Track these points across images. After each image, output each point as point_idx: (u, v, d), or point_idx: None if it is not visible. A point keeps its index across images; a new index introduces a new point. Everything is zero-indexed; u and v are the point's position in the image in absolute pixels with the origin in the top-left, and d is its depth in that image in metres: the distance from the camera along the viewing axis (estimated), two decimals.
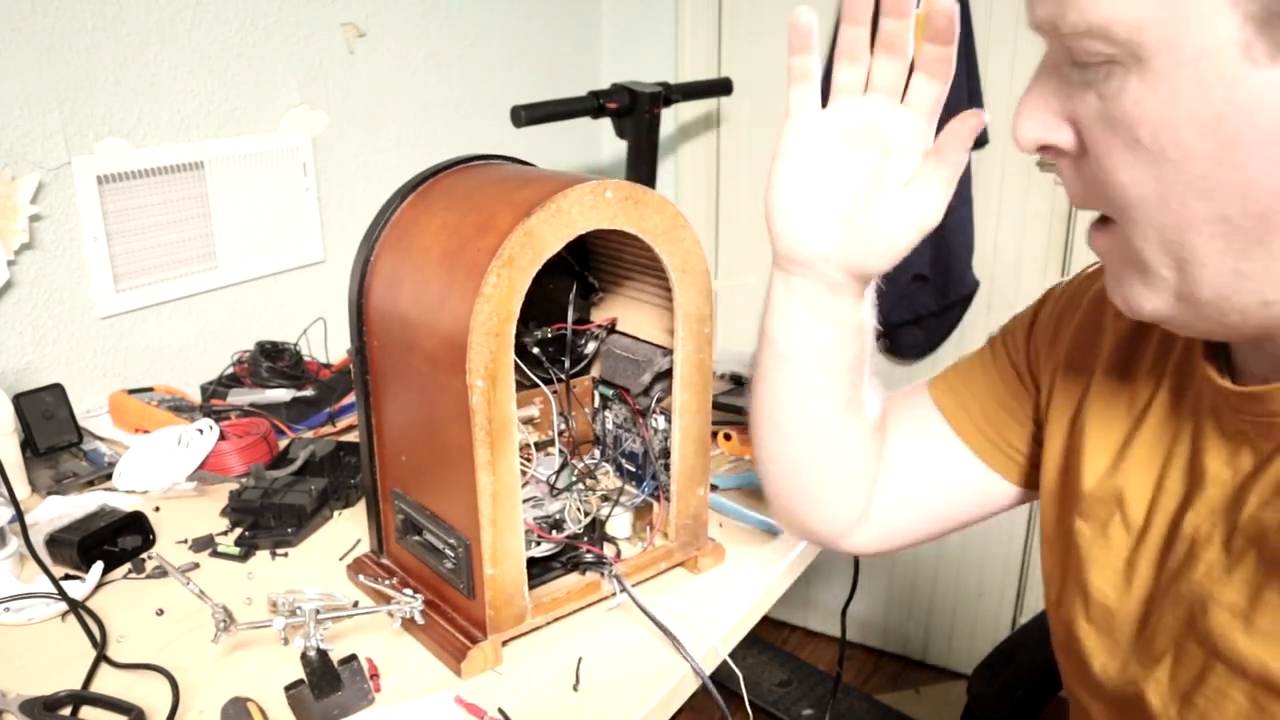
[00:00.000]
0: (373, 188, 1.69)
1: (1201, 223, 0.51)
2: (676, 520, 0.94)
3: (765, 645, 2.24)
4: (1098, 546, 0.70)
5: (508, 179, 0.85)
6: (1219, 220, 0.50)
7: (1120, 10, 0.48)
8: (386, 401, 0.88)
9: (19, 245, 1.24)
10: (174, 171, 1.39)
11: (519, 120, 1.62)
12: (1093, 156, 0.54)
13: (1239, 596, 0.56)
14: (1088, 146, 0.54)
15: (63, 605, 0.89)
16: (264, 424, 1.24)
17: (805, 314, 0.75)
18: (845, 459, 0.81)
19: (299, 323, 1.58)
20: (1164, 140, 0.50)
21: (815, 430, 0.79)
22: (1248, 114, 0.47)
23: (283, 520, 1.04)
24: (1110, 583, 0.69)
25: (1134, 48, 0.49)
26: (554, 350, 0.98)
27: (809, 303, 0.75)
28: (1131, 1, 0.48)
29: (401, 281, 0.83)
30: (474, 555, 0.80)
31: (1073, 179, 0.57)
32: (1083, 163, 0.55)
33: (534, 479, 0.92)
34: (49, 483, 1.16)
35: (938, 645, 2.19)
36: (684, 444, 0.92)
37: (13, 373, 1.26)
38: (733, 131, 2.15)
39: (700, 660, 0.83)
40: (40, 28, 1.22)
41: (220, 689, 0.79)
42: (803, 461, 0.81)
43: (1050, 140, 0.56)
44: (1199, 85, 0.48)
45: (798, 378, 0.77)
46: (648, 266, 0.91)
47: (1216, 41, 0.47)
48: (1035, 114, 0.56)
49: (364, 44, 1.63)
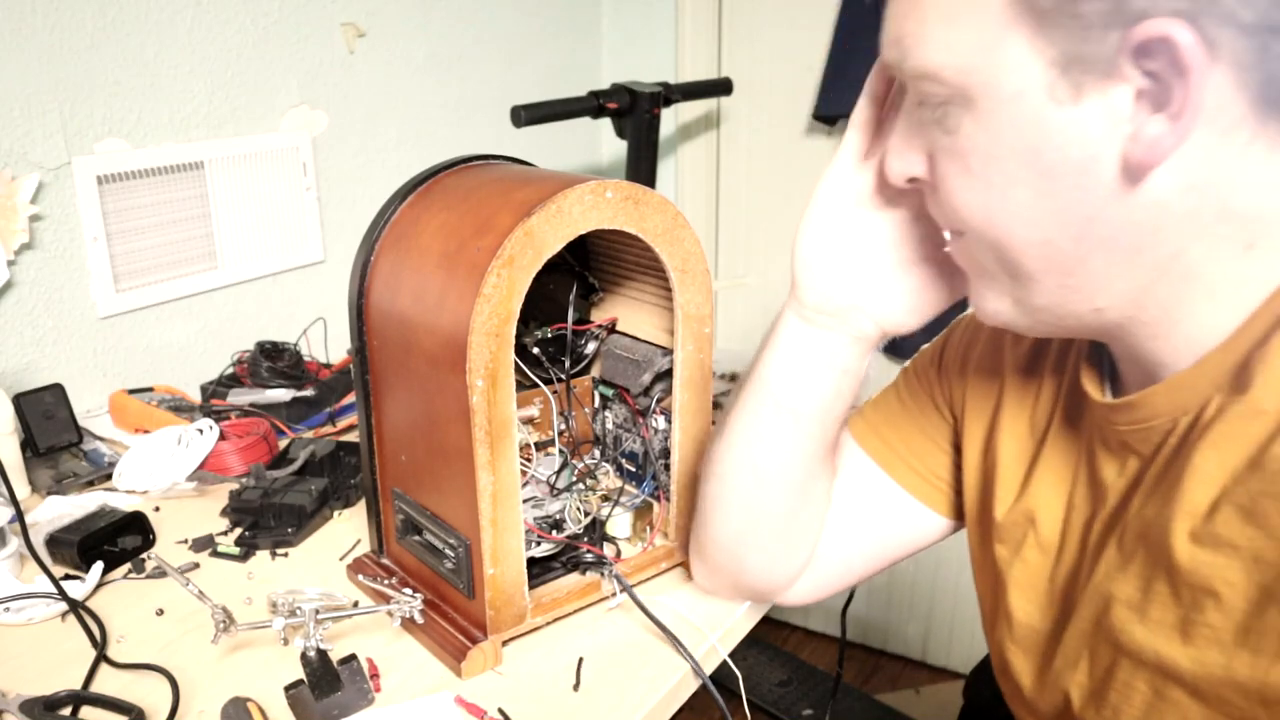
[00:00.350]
0: (373, 188, 1.69)
1: (1026, 243, 0.57)
2: (677, 520, 0.94)
3: (765, 645, 2.24)
4: (1016, 569, 0.73)
5: (508, 179, 0.85)
6: (1042, 242, 0.56)
7: (947, 58, 0.55)
8: (386, 401, 0.88)
9: (19, 245, 1.24)
10: (174, 171, 1.39)
11: (519, 120, 1.62)
12: (939, 185, 0.61)
13: (1134, 590, 0.60)
14: (936, 177, 0.61)
15: (63, 605, 0.89)
16: (264, 424, 1.24)
17: (819, 366, 0.75)
18: (809, 508, 0.81)
19: (299, 323, 1.58)
20: (990, 171, 0.56)
21: (795, 479, 0.79)
22: (1057, 148, 0.53)
23: (283, 520, 1.04)
24: (1033, 603, 0.72)
25: (962, 90, 0.55)
26: (554, 350, 0.98)
27: (827, 355, 0.74)
28: (956, 50, 0.55)
29: (401, 282, 0.83)
30: (474, 555, 0.80)
31: (932, 204, 0.63)
32: (937, 190, 0.62)
33: (534, 479, 0.92)
34: (49, 483, 1.16)
35: (938, 645, 2.19)
36: (684, 444, 0.92)
37: (13, 373, 1.26)
38: (733, 131, 2.15)
39: (700, 660, 0.83)
40: (40, 28, 1.22)
41: (220, 689, 0.79)
42: (771, 511, 0.80)
43: (912, 173, 0.63)
44: (1015, 123, 0.54)
45: (795, 428, 0.76)
46: (648, 266, 0.91)
47: (1027, 84, 0.53)
48: (899, 151, 0.64)
49: (364, 44, 1.63)
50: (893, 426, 0.84)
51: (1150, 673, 0.59)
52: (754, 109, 2.10)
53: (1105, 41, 0.50)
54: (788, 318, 0.76)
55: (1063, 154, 0.53)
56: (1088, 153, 0.53)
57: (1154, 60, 0.49)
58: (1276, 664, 0.52)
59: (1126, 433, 0.62)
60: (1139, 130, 0.51)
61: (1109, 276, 0.56)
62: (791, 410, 0.76)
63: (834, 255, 0.72)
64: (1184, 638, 0.56)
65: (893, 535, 0.84)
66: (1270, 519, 0.52)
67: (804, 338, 0.75)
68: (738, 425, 0.79)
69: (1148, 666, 0.59)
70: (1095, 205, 0.54)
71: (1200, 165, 0.52)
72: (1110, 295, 0.57)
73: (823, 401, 0.75)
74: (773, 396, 0.76)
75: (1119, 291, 0.57)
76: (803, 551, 0.83)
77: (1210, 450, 0.55)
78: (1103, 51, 0.50)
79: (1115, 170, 0.53)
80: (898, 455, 0.83)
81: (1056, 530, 0.70)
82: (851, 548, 0.84)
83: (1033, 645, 0.72)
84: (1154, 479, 0.60)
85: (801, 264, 0.74)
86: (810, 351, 0.75)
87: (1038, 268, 0.58)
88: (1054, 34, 0.51)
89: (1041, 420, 0.73)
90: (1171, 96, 0.50)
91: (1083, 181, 0.53)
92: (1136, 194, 0.53)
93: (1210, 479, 0.55)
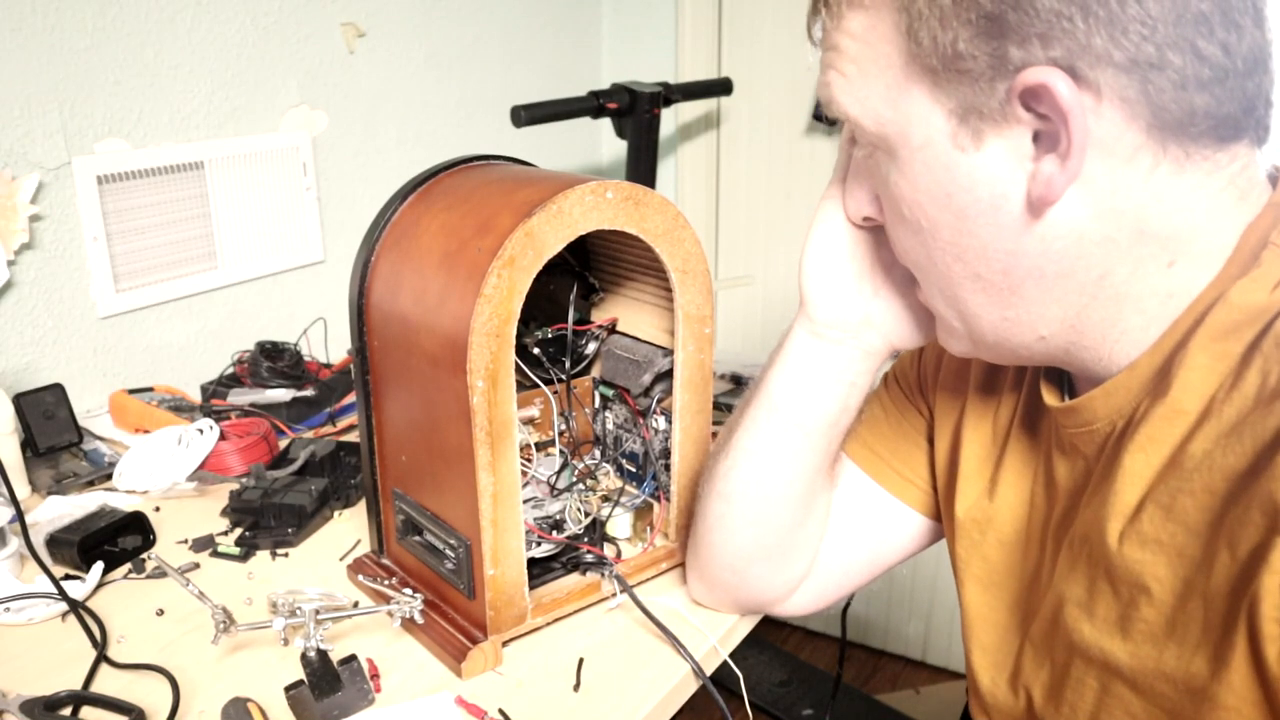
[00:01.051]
0: (373, 188, 1.69)
1: (962, 280, 0.61)
2: (677, 521, 0.94)
3: (765, 645, 2.24)
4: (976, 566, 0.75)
5: (508, 179, 0.85)
6: (974, 278, 0.60)
7: (861, 110, 0.60)
8: (387, 402, 0.88)
9: (19, 245, 1.24)
10: (174, 171, 1.39)
11: (519, 120, 1.62)
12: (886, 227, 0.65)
13: (1081, 590, 0.62)
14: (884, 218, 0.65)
15: (63, 605, 0.89)
16: (264, 424, 1.24)
17: (829, 381, 0.75)
18: (811, 522, 0.82)
19: (299, 323, 1.58)
20: (916, 214, 0.60)
21: (800, 494, 0.79)
22: (966, 190, 0.57)
23: (283, 520, 1.04)
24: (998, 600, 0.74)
25: (880, 139, 0.60)
26: (554, 350, 0.98)
27: (837, 370, 0.75)
28: (867, 103, 0.59)
29: (402, 282, 0.83)
30: (474, 555, 0.80)
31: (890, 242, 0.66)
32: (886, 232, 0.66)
33: (534, 479, 0.92)
34: (49, 483, 1.16)
35: (938, 645, 2.19)
36: (684, 444, 0.92)
37: (13, 373, 1.26)
38: (733, 131, 2.15)
39: (700, 660, 0.83)
40: (40, 28, 1.22)
41: (220, 689, 0.79)
42: (776, 527, 0.80)
43: (866, 213, 0.68)
44: (929, 169, 0.58)
45: (804, 444, 0.77)
46: (648, 267, 0.91)
47: (931, 134, 0.57)
48: (854, 193, 0.69)
49: (364, 44, 1.63)
50: (878, 435, 0.85)
51: (1098, 669, 0.60)
52: (754, 109, 2.10)
53: (994, 92, 0.54)
54: (797, 334, 0.76)
55: (973, 195, 0.57)
56: (996, 192, 0.56)
57: (1041, 105, 0.53)
58: (1198, 654, 0.53)
59: (1074, 435, 0.65)
60: (1036, 169, 0.55)
61: (1044, 304, 0.59)
62: (800, 425, 0.76)
63: (841, 271, 0.73)
64: (1123, 634, 0.58)
65: (885, 541, 0.85)
66: (1189, 515, 0.54)
67: (814, 353, 0.75)
68: (744, 443, 0.79)
69: (1095, 663, 0.60)
70: (1012, 240, 0.57)
71: (1108, 193, 0.55)
72: (1049, 323, 0.60)
73: (830, 415, 0.76)
74: (781, 413, 0.77)
75: (1055, 318, 0.60)
76: (803, 564, 0.84)
77: (1138, 452, 0.58)
78: (993, 101, 0.54)
79: (1022, 207, 0.56)
80: (884, 461, 0.84)
81: (1020, 529, 0.72)
82: (847, 557, 0.85)
83: (993, 644, 0.73)
84: (1096, 480, 0.63)
85: (809, 280, 0.75)
86: (820, 366, 0.75)
87: (977, 303, 0.61)
88: (948, 88, 0.55)
89: (1004, 422, 0.75)
90: (1059, 137, 0.53)
91: (996, 219, 0.57)
92: (1048, 225, 0.56)
93: (1138, 478, 0.57)
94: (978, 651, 0.74)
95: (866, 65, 0.58)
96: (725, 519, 0.81)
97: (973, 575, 0.75)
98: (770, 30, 2.04)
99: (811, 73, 2.27)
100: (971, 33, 0.53)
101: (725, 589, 0.86)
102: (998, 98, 0.54)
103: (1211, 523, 0.53)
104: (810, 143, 2.06)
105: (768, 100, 2.08)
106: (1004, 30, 0.52)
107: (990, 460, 0.75)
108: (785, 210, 2.13)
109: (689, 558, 0.89)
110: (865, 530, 0.85)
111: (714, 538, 0.83)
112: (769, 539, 0.81)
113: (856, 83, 0.59)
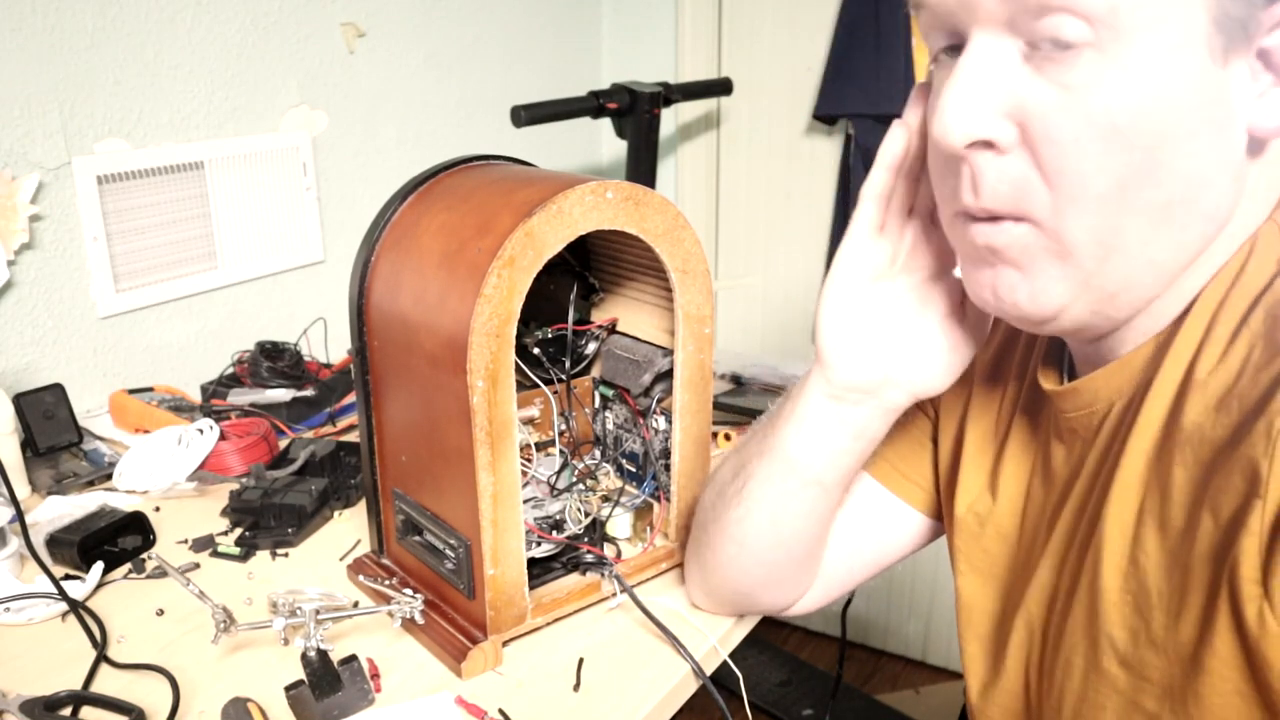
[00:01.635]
0: (373, 188, 1.69)
1: (1146, 208, 0.53)
2: (677, 521, 0.94)
3: (765, 645, 2.24)
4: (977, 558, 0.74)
5: (508, 179, 0.85)
6: (1162, 207, 0.53)
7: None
8: (387, 402, 0.88)
9: (19, 245, 1.24)
10: (174, 171, 1.39)
11: (519, 120, 1.62)
12: (1046, 149, 0.53)
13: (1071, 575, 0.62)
14: (1035, 140, 0.53)
15: (63, 605, 0.89)
16: (264, 424, 1.24)
17: (847, 439, 0.73)
18: (822, 544, 0.82)
19: (299, 323, 1.58)
20: (1142, 127, 0.51)
21: (816, 535, 0.79)
22: (1210, 104, 0.51)
23: (283, 520, 1.04)
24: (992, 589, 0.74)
25: (1115, 22, 0.50)
26: (554, 350, 0.98)
27: (856, 429, 0.73)
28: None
29: (402, 282, 0.83)
30: (474, 556, 0.80)
31: (996, 177, 0.55)
32: (1011, 160, 0.55)
33: (534, 479, 0.92)
34: (49, 483, 1.16)
35: (938, 645, 2.19)
36: (684, 444, 0.92)
37: (13, 373, 1.26)
38: (733, 131, 2.15)
39: (700, 660, 0.83)
40: (40, 28, 1.22)
41: (220, 689, 0.79)
42: (788, 560, 0.80)
43: (989, 135, 0.54)
44: (1175, 73, 0.50)
45: (822, 497, 0.76)
46: (648, 267, 0.91)
47: (1191, 35, 0.50)
48: (971, 108, 0.54)
49: (364, 44, 1.63)
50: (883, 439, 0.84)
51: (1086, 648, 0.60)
52: (754, 109, 2.10)
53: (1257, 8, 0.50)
54: (814, 396, 0.73)
55: (1207, 113, 0.52)
56: (1229, 113, 0.52)
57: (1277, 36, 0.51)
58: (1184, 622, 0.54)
59: (1072, 419, 0.64)
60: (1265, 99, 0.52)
61: (1186, 250, 0.55)
62: (818, 482, 0.75)
63: (860, 331, 0.70)
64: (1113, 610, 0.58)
65: (888, 541, 0.85)
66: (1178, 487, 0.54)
67: (833, 414, 0.73)
68: (758, 496, 0.77)
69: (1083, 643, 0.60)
70: (1220, 168, 0.53)
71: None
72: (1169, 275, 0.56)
73: (848, 470, 0.75)
74: (798, 472, 0.75)
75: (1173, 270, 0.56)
76: (812, 578, 0.84)
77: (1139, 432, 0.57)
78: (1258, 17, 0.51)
79: (1244, 136, 0.53)
80: (889, 464, 0.84)
81: (1017, 521, 0.72)
82: (851, 558, 0.85)
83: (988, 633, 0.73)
84: (1094, 464, 0.62)
85: (827, 342, 0.71)
86: (839, 427, 0.73)
87: (1142, 237, 0.54)
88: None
89: (1006, 413, 0.74)
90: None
91: (1217, 143, 0.53)
92: (1260, 163, 0.54)
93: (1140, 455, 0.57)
94: (974, 642, 0.74)
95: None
96: (738, 559, 0.80)
97: (971, 566, 0.75)
98: (770, 30, 2.04)
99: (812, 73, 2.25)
100: None
101: (732, 606, 0.87)
102: (1258, 16, 0.51)
103: (1195, 492, 0.53)
104: (810, 143, 2.06)
105: (768, 100, 2.08)
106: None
107: (991, 453, 0.74)
108: (785, 210, 2.13)
109: (692, 573, 0.88)
110: (869, 531, 0.85)
111: (726, 572, 0.82)
112: (781, 572, 0.81)
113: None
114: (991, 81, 0.54)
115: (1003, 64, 0.54)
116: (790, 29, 2.01)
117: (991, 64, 0.54)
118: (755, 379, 1.45)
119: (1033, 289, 0.57)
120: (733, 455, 0.82)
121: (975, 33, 0.54)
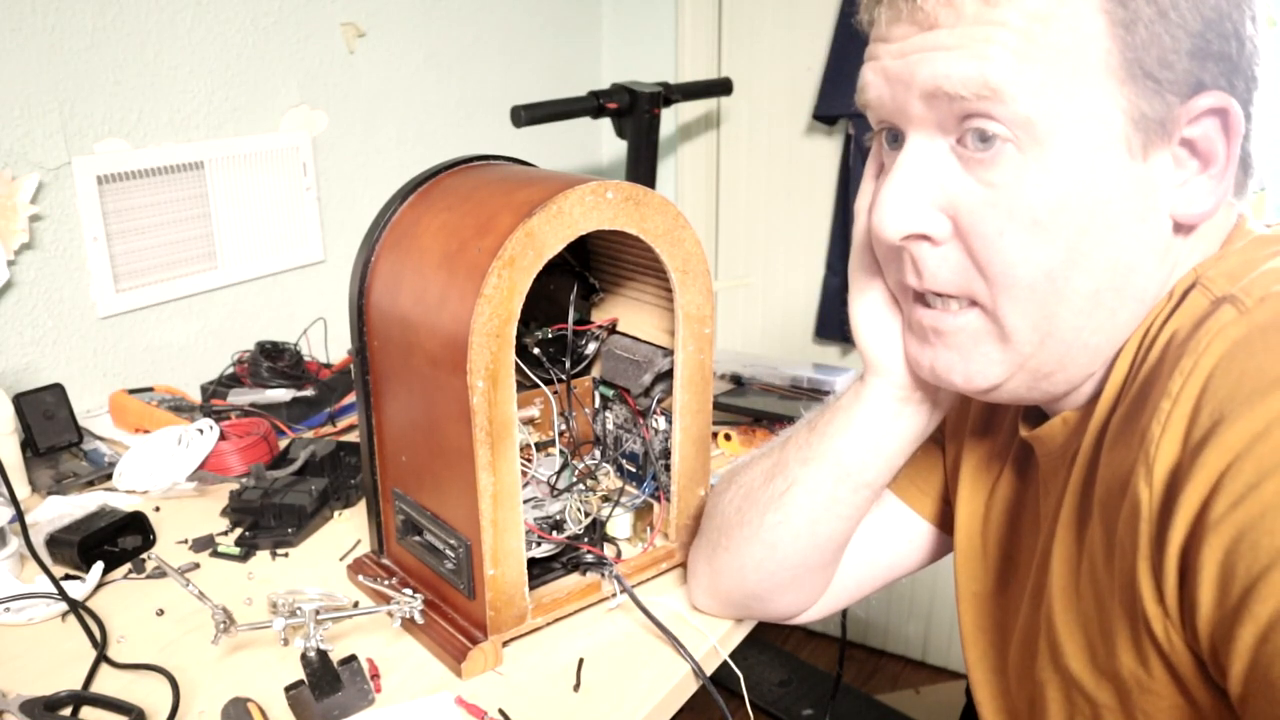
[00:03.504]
0: (373, 188, 1.69)
1: (1075, 296, 0.57)
2: (677, 521, 0.94)
3: (765, 645, 2.24)
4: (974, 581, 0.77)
5: (508, 179, 0.85)
6: (1090, 295, 0.57)
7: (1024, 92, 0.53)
8: (387, 402, 0.88)
9: (19, 245, 1.24)
10: (174, 171, 1.39)
11: (519, 120, 1.62)
12: (974, 241, 0.57)
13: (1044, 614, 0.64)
14: (965, 232, 0.57)
15: (63, 605, 0.89)
16: (264, 424, 1.24)
17: (906, 439, 0.73)
18: (844, 549, 0.82)
19: (299, 323, 1.58)
20: (1063, 220, 0.55)
21: (848, 536, 0.79)
22: (1130, 196, 0.55)
23: (283, 520, 1.04)
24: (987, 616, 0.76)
25: (1030, 129, 0.54)
26: (555, 351, 0.98)
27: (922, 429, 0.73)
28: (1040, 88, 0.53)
29: (402, 282, 0.83)
30: (474, 556, 0.80)
31: (938, 265, 0.60)
32: (948, 249, 0.59)
33: (534, 479, 0.92)
34: (49, 483, 1.16)
35: (938, 645, 2.19)
36: (685, 444, 0.92)
37: (13, 373, 1.26)
38: (733, 131, 2.15)
39: (700, 660, 0.83)
40: (40, 28, 1.22)
41: (220, 689, 0.79)
42: (816, 565, 0.80)
43: (923, 229, 0.59)
44: (1093, 171, 0.54)
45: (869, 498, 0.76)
46: (648, 267, 0.91)
47: (1109, 135, 0.54)
48: (905, 205, 0.58)
49: (364, 44, 1.63)
50: None
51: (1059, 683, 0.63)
52: (754, 109, 2.10)
53: (1171, 106, 0.54)
54: (877, 402, 0.72)
55: (1127, 205, 0.55)
56: (1148, 205, 0.56)
57: (1201, 126, 0.55)
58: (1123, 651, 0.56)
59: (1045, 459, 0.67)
60: (1191, 186, 0.56)
61: (1123, 330, 0.59)
62: (869, 484, 0.75)
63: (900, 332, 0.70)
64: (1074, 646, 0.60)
65: (899, 553, 0.86)
66: (1093, 521, 0.58)
67: (897, 418, 0.72)
68: (802, 502, 0.76)
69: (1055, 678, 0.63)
70: (1143, 255, 0.57)
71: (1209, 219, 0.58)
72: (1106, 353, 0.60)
73: (896, 469, 0.76)
74: (852, 476, 0.74)
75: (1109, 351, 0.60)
76: (826, 584, 0.84)
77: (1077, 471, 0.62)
78: (1172, 114, 0.54)
79: (1169, 221, 0.57)
80: (902, 472, 0.82)
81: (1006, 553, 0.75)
82: (862, 569, 0.86)
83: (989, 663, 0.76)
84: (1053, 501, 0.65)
85: (874, 349, 0.71)
86: (900, 427, 0.73)
87: (1075, 324, 0.58)
88: (1140, 91, 0.53)
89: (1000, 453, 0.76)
90: (1214, 158, 0.55)
91: (1137, 230, 0.56)
92: (1186, 240, 0.58)
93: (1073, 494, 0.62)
94: (977, 668, 0.76)
95: (1047, 47, 0.53)
96: (765, 563, 0.80)
97: (970, 592, 0.77)
98: (770, 30, 2.04)
99: (812, 73, 2.25)
100: (1185, 45, 0.53)
101: (740, 609, 0.87)
102: (1174, 112, 0.54)
103: (1107, 529, 0.56)
104: (810, 143, 2.06)
105: (768, 100, 2.08)
106: (1207, 50, 0.53)
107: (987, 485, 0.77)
108: (785, 210, 2.13)
109: (699, 575, 0.87)
110: (881, 542, 0.85)
111: (746, 575, 0.82)
112: (805, 576, 0.81)
113: (1030, 63, 0.53)
114: (924, 179, 0.58)
115: (935, 162, 0.58)
116: (790, 29, 2.01)
117: (924, 162, 0.58)
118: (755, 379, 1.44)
119: (968, 370, 0.62)
120: (760, 460, 0.81)
121: (910, 133, 0.59)
